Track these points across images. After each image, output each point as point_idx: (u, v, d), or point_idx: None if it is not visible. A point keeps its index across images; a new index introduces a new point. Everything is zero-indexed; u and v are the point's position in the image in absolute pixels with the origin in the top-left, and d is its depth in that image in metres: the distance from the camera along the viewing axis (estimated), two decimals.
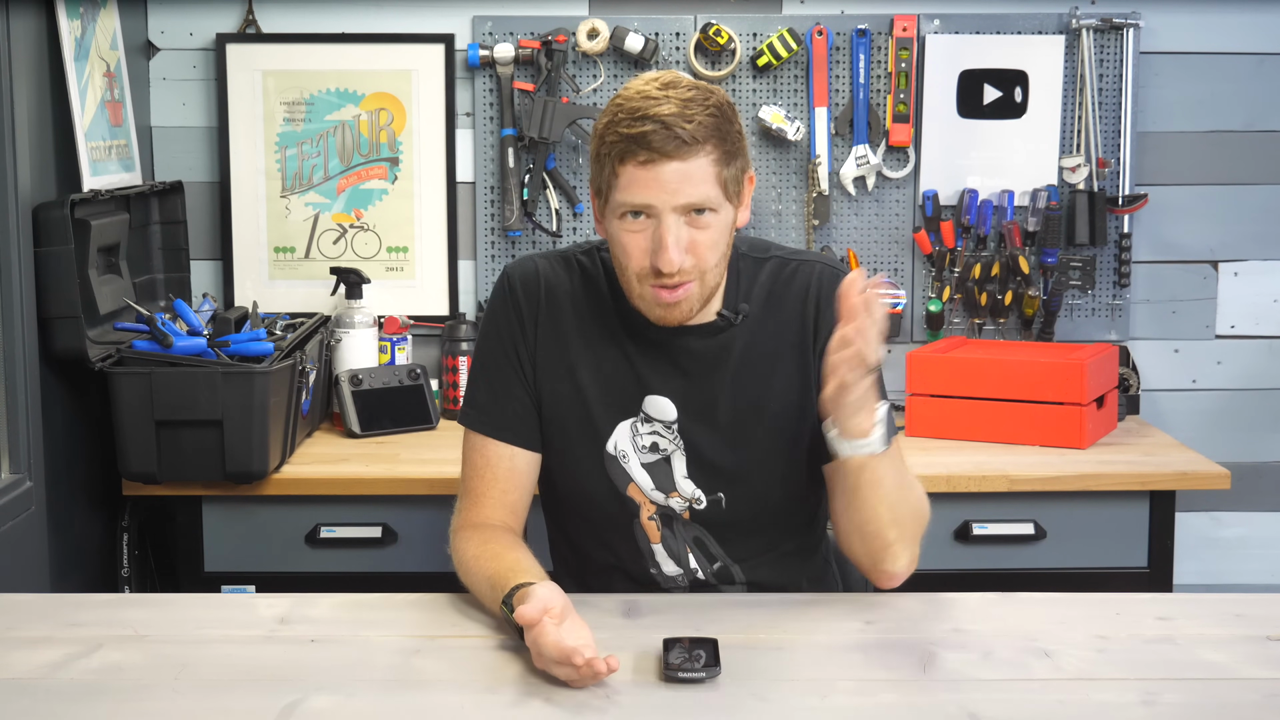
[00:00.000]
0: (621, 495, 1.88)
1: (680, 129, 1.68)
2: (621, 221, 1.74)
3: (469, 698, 1.49)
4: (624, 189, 1.71)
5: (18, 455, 2.33)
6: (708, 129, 1.70)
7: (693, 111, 1.69)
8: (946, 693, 1.50)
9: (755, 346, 1.86)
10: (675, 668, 1.51)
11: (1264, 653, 1.61)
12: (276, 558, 2.59)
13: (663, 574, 1.90)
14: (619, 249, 1.76)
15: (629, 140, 1.69)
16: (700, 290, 1.77)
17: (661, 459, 1.86)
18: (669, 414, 1.85)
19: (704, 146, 1.70)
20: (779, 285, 1.88)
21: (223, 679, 1.54)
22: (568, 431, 1.88)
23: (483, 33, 3.05)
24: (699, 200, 1.71)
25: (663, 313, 1.78)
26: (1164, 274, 3.14)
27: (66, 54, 2.53)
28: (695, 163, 1.70)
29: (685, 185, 1.69)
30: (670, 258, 1.70)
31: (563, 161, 3.08)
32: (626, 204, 1.72)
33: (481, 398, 1.90)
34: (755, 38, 3.04)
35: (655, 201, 1.70)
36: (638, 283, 1.77)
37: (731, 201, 1.76)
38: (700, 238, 1.73)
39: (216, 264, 3.11)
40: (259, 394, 2.46)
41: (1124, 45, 3.03)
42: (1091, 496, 2.60)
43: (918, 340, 3.11)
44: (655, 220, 1.71)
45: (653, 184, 1.69)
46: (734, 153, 1.75)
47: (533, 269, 1.90)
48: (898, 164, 3.09)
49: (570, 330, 1.88)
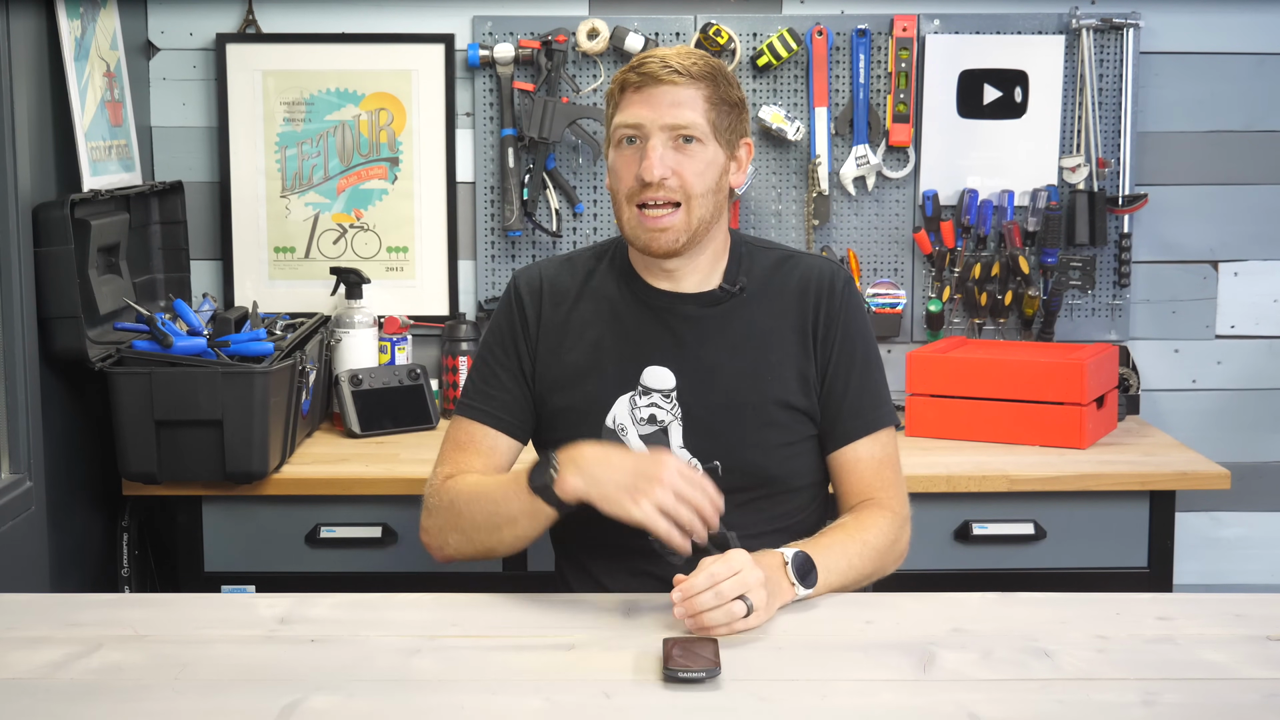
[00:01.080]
0: None
1: (675, 62, 1.85)
2: (617, 150, 1.88)
3: (469, 698, 1.49)
4: (620, 113, 1.87)
5: (18, 455, 2.33)
6: (702, 70, 1.86)
7: (690, 59, 1.86)
8: (946, 693, 1.50)
9: (755, 321, 1.94)
10: (675, 668, 1.51)
11: (1264, 653, 1.61)
12: (276, 558, 2.59)
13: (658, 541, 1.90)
14: (613, 176, 1.89)
15: (631, 71, 1.86)
16: (687, 219, 1.86)
17: (659, 430, 1.92)
18: (667, 382, 1.92)
19: (697, 82, 1.85)
20: (780, 272, 1.97)
21: (223, 679, 1.54)
22: (568, 412, 1.95)
23: (483, 33, 3.05)
24: (685, 123, 1.84)
25: (648, 239, 1.86)
26: (1164, 274, 3.14)
27: (66, 54, 2.53)
28: (686, 92, 1.84)
29: (674, 108, 1.84)
30: (653, 166, 1.82)
31: (563, 161, 3.08)
32: (621, 125, 1.86)
33: (473, 388, 1.99)
34: (755, 38, 3.04)
35: (644, 120, 1.84)
36: (627, 204, 1.87)
37: (721, 145, 1.88)
38: (685, 162, 1.85)
39: (216, 264, 3.11)
40: (259, 394, 2.46)
41: (1124, 45, 3.03)
42: (1091, 496, 2.60)
43: (918, 340, 3.11)
44: (645, 143, 1.85)
45: (645, 104, 1.85)
46: (729, 104, 1.88)
47: (536, 273, 2.01)
48: (898, 164, 3.09)
49: (571, 316, 1.96)
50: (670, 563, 1.69)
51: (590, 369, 1.94)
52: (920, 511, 2.56)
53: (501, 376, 1.97)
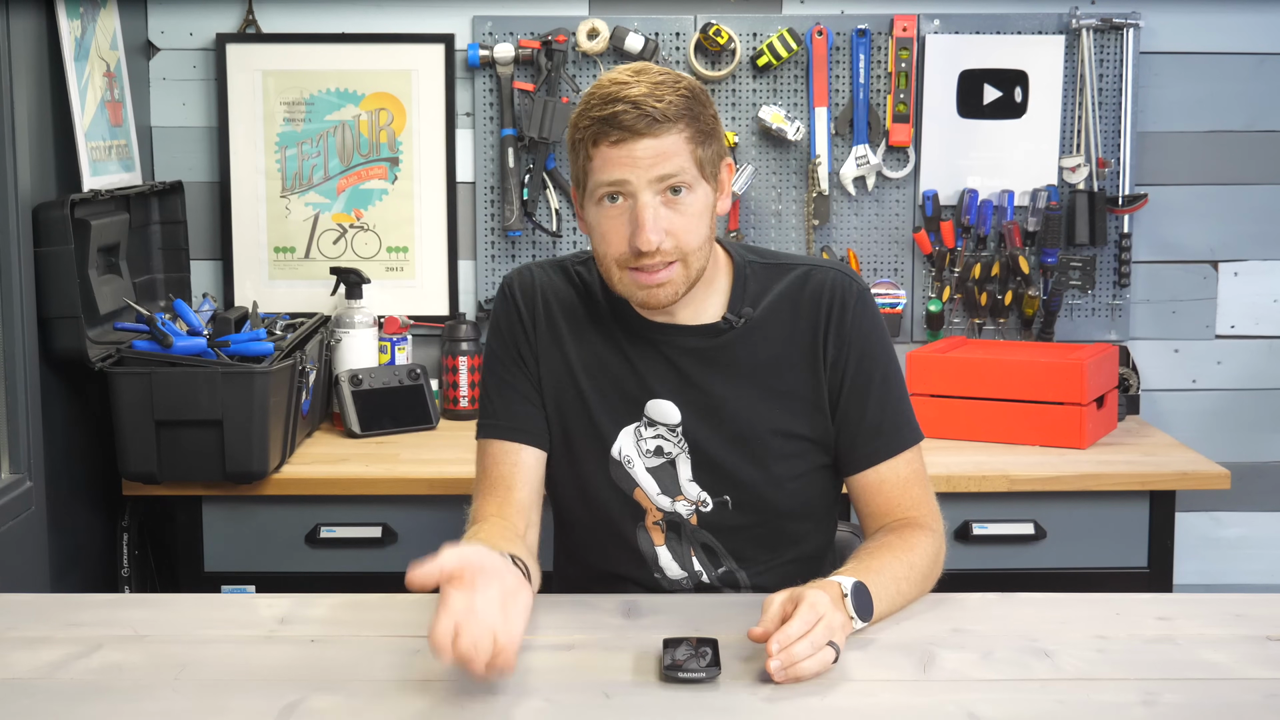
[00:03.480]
0: (627, 499, 1.87)
1: (650, 107, 1.68)
2: (599, 208, 1.74)
3: (469, 698, 1.49)
4: (599, 170, 1.71)
5: (18, 455, 2.33)
6: (679, 108, 1.70)
7: (663, 92, 1.70)
8: (946, 693, 1.50)
9: (761, 349, 1.84)
10: (675, 668, 1.51)
11: (1264, 653, 1.61)
12: (276, 558, 2.59)
13: (666, 578, 1.90)
14: (598, 237, 1.76)
15: (600, 122, 1.69)
16: (685, 273, 1.75)
17: (666, 462, 1.85)
18: (672, 417, 1.84)
19: (676, 124, 1.70)
20: (790, 291, 1.86)
21: (223, 679, 1.54)
22: (571, 437, 1.87)
23: (483, 33, 3.05)
24: (673, 172, 1.70)
25: (645, 295, 1.76)
26: (1164, 274, 3.14)
27: (66, 54, 2.53)
28: (668, 139, 1.69)
29: (659, 160, 1.69)
30: (648, 236, 1.69)
31: (563, 161, 3.08)
32: (602, 184, 1.71)
33: (490, 405, 1.90)
34: (755, 38, 3.04)
35: (630, 177, 1.70)
36: (618, 270, 1.75)
37: (709, 182, 1.75)
38: (678, 220, 1.72)
39: (216, 264, 3.11)
40: (259, 394, 2.46)
41: (1124, 45, 3.03)
42: (1091, 496, 2.60)
43: (918, 340, 3.11)
44: (632, 201, 1.71)
45: (626, 161, 1.69)
46: (708, 134, 1.74)
47: (529, 277, 1.91)
48: (898, 164, 3.09)
49: (569, 337, 1.87)
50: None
51: (593, 398, 1.86)
52: None
53: (515, 385, 1.88)
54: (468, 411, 2.99)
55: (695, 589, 1.89)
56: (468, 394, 2.99)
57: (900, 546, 1.77)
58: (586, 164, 1.73)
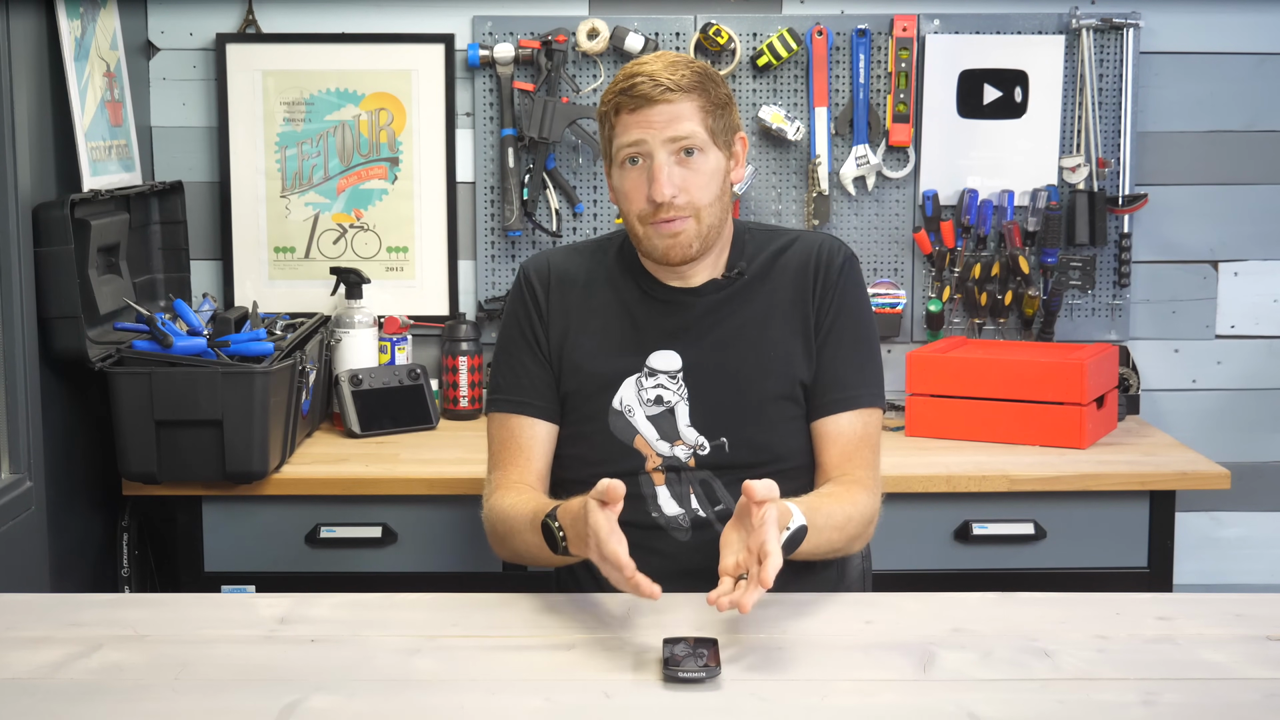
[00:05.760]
0: (627, 448, 1.98)
1: (665, 78, 1.89)
2: (622, 170, 1.93)
3: (469, 698, 1.49)
4: (620, 134, 1.92)
5: (18, 455, 2.33)
6: (692, 81, 1.91)
7: (677, 69, 1.91)
8: (946, 693, 1.50)
9: (759, 300, 2.00)
10: (675, 668, 1.51)
11: (1264, 653, 1.61)
12: (276, 558, 2.59)
13: (664, 515, 1.98)
14: (621, 197, 1.95)
15: (621, 94, 1.91)
16: (698, 228, 1.93)
17: (666, 410, 1.98)
18: (674, 364, 1.98)
19: (689, 94, 1.90)
20: (782, 251, 2.03)
21: (223, 679, 1.54)
22: (575, 395, 2.01)
23: (483, 33, 3.05)
24: (686, 134, 1.89)
25: (665, 246, 1.93)
26: (1164, 274, 3.14)
27: (66, 54, 2.53)
28: (681, 106, 1.90)
29: (673, 123, 1.89)
30: (662, 187, 1.88)
31: (563, 161, 3.08)
32: (623, 145, 1.91)
33: (502, 381, 2.05)
34: (755, 38, 3.04)
35: (645, 137, 1.89)
36: (639, 224, 1.94)
37: (721, 149, 1.94)
38: (691, 177, 1.91)
39: (216, 264, 3.11)
40: (259, 394, 2.46)
41: (1124, 45, 3.03)
42: (1091, 496, 2.60)
43: (918, 340, 3.11)
44: (649, 161, 1.90)
45: (643, 124, 1.90)
46: (720, 106, 1.93)
47: (544, 260, 2.08)
48: (898, 164, 3.09)
49: (579, 302, 2.03)
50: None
51: (597, 353, 2.00)
52: (920, 511, 2.58)
53: (527, 363, 2.03)
54: (468, 411, 2.99)
55: (692, 525, 1.97)
56: (468, 394, 2.99)
57: (846, 499, 1.90)
58: (611, 133, 1.94)
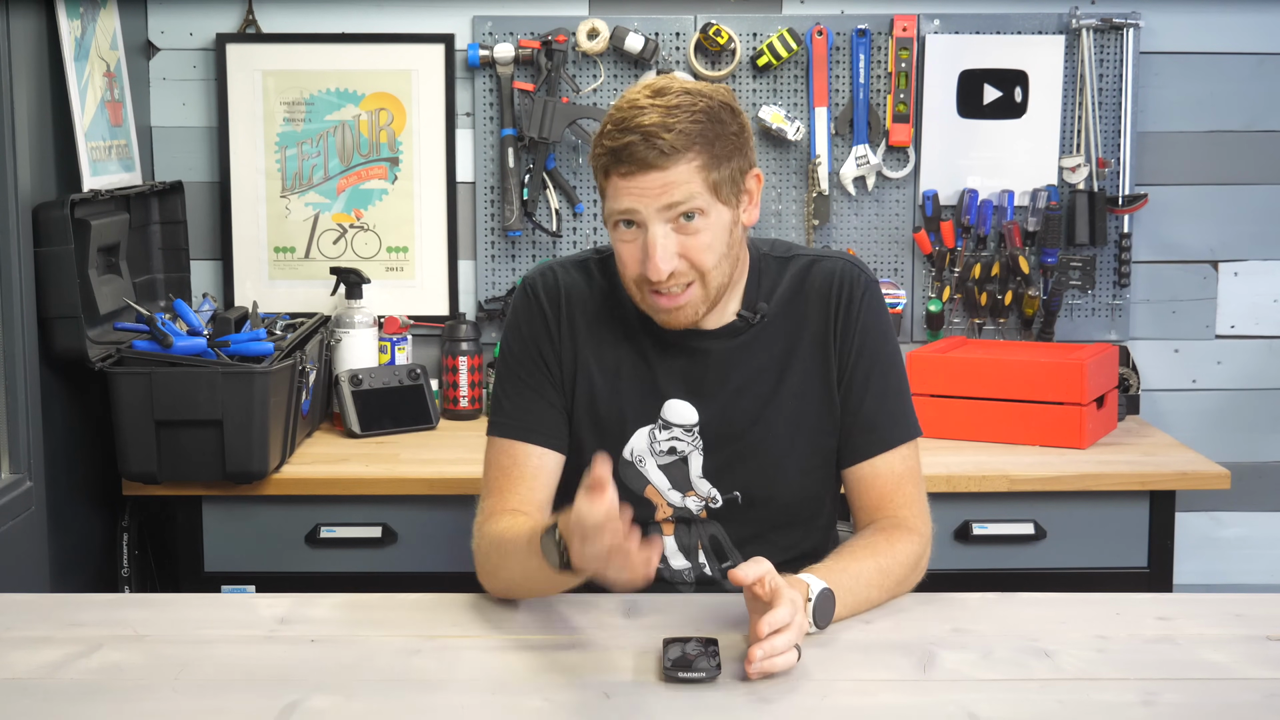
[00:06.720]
0: (638, 498, 1.88)
1: (659, 139, 1.69)
2: (616, 231, 1.77)
3: (469, 698, 1.49)
4: (611, 199, 1.75)
5: (18, 455, 2.33)
6: (689, 136, 1.71)
7: (675, 120, 1.70)
8: (946, 693, 1.50)
9: (775, 345, 1.87)
10: (675, 667, 1.51)
11: (1264, 653, 1.61)
12: (276, 558, 2.59)
13: (669, 568, 1.90)
14: (617, 259, 1.80)
15: (612, 153, 1.72)
16: (704, 293, 1.78)
17: (679, 459, 1.87)
18: (689, 418, 1.86)
19: (684, 154, 1.71)
20: (800, 284, 1.88)
21: (223, 679, 1.54)
22: (584, 438, 1.88)
23: (483, 33, 3.05)
24: (682, 201, 1.71)
25: (665, 319, 1.80)
26: (1164, 274, 3.14)
27: (66, 54, 2.53)
28: (676, 170, 1.71)
29: (667, 191, 1.71)
30: (658, 266, 1.72)
31: (563, 161, 3.08)
32: (615, 211, 1.75)
33: (508, 405, 1.89)
34: (755, 38, 3.04)
35: (639, 207, 1.72)
36: (637, 290, 1.79)
37: (726, 202, 1.76)
38: (691, 242, 1.74)
39: (216, 264, 3.11)
40: (259, 394, 2.46)
41: (1124, 45, 3.03)
42: (1091, 496, 2.60)
43: (918, 340, 3.11)
44: (644, 229, 1.74)
45: (635, 192, 1.72)
46: (725, 154, 1.74)
47: (553, 276, 1.91)
48: (898, 164, 3.09)
49: (590, 337, 1.88)
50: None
51: (608, 395, 1.87)
52: None
53: (536, 387, 1.88)
54: (468, 411, 2.99)
55: (696, 582, 1.90)
56: (468, 394, 2.99)
57: (881, 549, 1.77)
58: (603, 190, 1.77)
